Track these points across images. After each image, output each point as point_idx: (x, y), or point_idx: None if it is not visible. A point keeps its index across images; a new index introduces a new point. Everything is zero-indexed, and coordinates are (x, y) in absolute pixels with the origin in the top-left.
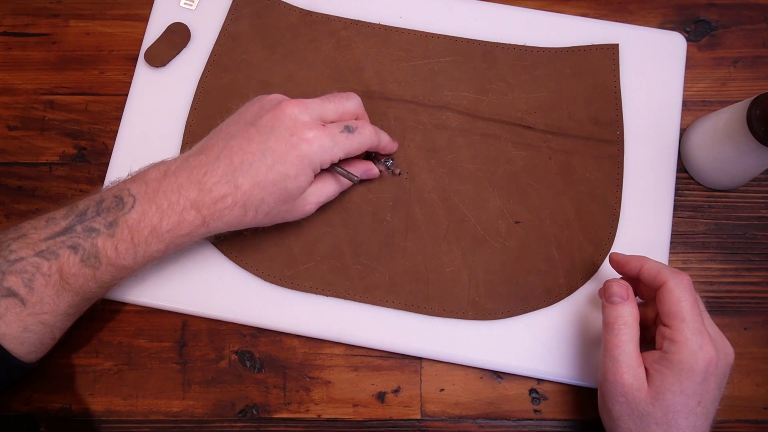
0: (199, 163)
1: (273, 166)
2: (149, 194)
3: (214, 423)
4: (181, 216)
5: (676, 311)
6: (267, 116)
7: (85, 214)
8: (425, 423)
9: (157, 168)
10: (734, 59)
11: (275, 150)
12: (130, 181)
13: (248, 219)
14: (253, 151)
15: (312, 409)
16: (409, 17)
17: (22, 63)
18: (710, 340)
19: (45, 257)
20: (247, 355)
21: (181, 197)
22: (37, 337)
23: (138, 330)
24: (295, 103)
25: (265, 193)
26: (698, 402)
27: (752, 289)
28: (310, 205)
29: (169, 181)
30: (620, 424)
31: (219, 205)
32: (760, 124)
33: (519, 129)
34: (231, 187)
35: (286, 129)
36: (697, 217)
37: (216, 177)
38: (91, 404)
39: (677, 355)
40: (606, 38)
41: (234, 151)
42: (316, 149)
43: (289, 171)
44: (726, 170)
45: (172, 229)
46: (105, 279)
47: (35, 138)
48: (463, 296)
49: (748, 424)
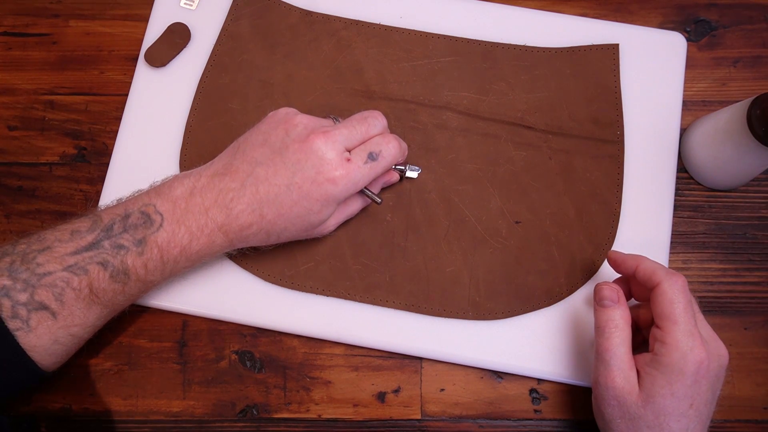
0: (226, 187)
1: (298, 201)
2: (177, 214)
3: (215, 423)
4: (210, 239)
5: (669, 313)
6: (294, 149)
7: (112, 230)
8: (425, 423)
9: (182, 184)
10: (734, 59)
11: (301, 187)
12: (154, 196)
13: (272, 241)
14: (279, 185)
15: (312, 409)
16: (409, 17)
17: (22, 63)
18: (702, 343)
19: (74, 272)
20: (247, 355)
21: (209, 220)
22: (65, 349)
23: (138, 330)
24: (322, 138)
25: (288, 224)
26: (690, 404)
27: (752, 289)
28: (331, 227)
29: (196, 202)
30: (612, 426)
31: (245, 232)
32: (760, 124)
33: (519, 129)
34: (256, 216)
35: (313, 167)
36: (697, 217)
37: (243, 205)
38: (91, 404)
39: (667, 358)
40: (606, 38)
41: (260, 181)
42: (342, 188)
43: (313, 207)
44: (726, 170)
45: (201, 250)
46: (133, 292)
47: (35, 138)
48: (463, 296)
49: (748, 424)
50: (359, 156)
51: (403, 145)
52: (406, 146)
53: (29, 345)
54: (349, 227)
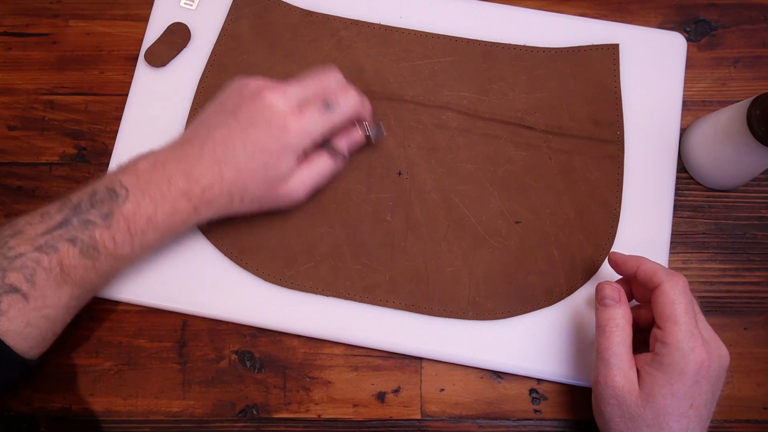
0: (185, 154)
1: (254, 156)
2: (141, 185)
3: (214, 423)
4: (174, 205)
5: (669, 313)
6: (246, 107)
7: (80, 207)
8: (425, 423)
9: (146, 159)
10: (734, 59)
11: (255, 141)
12: (120, 173)
13: (236, 206)
14: (235, 143)
15: (312, 409)
16: (410, 17)
17: (22, 63)
18: (702, 343)
19: (44, 252)
20: (247, 355)
21: (171, 187)
22: (40, 332)
23: (138, 330)
24: (273, 91)
25: (248, 181)
26: (690, 405)
27: (752, 289)
28: (299, 191)
29: (158, 173)
30: (612, 425)
31: (207, 195)
32: (760, 124)
33: (519, 129)
34: (217, 177)
35: (265, 120)
36: (697, 217)
37: (202, 168)
38: (91, 404)
39: (668, 358)
40: (606, 38)
41: (217, 143)
42: (296, 137)
43: (270, 160)
44: (726, 170)
45: (166, 218)
46: (105, 269)
47: (35, 138)
48: (463, 296)
49: (748, 424)
50: (312, 104)
51: (365, 102)
52: (369, 104)
53: (1, 330)
54: (349, 227)
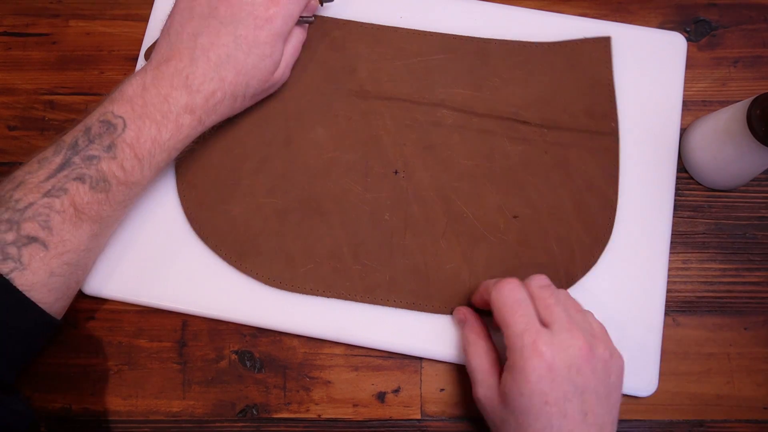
0: (175, 70)
1: (250, 51)
2: (137, 111)
3: (214, 423)
4: (177, 122)
5: (500, 319)
6: (224, 7)
7: (77, 145)
8: (425, 423)
9: (131, 84)
10: (734, 59)
11: (246, 36)
12: (108, 104)
13: (238, 106)
14: (227, 44)
15: (312, 409)
16: (408, 18)
17: (22, 63)
18: (541, 340)
19: (54, 195)
20: (247, 355)
21: (171, 105)
22: (64, 281)
23: (138, 330)
24: None
25: (249, 78)
26: (544, 402)
27: (752, 289)
28: (286, 72)
29: (152, 93)
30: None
31: (210, 102)
32: (760, 124)
33: (514, 124)
34: (217, 81)
35: (248, 15)
36: (697, 217)
37: (200, 77)
38: (91, 404)
39: (510, 360)
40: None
41: (207, 48)
42: (281, 22)
43: (265, 51)
44: (726, 170)
45: (172, 136)
46: (119, 199)
47: (35, 138)
48: (464, 293)
49: (749, 424)
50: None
51: None
52: None
53: (26, 285)
54: (348, 228)
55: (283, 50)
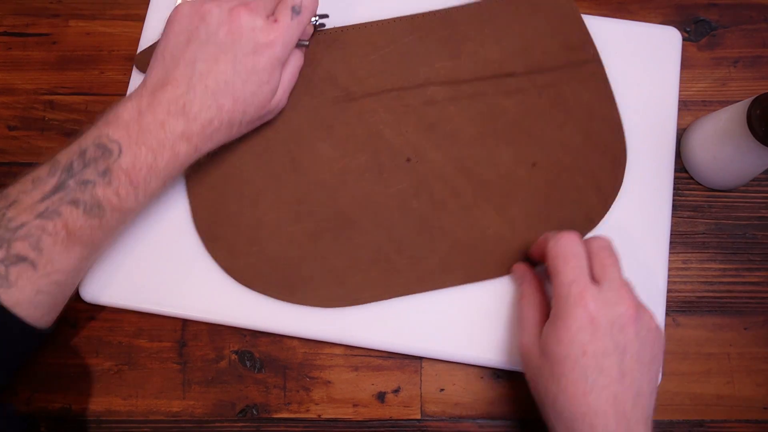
0: (172, 96)
1: (248, 78)
2: (133, 137)
3: (214, 423)
4: (174, 149)
5: (552, 267)
6: (223, 33)
7: (72, 168)
8: (425, 423)
9: (127, 108)
10: (734, 59)
11: (245, 63)
12: (104, 126)
13: (234, 133)
14: (225, 71)
15: (312, 409)
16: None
17: (22, 63)
18: (589, 294)
19: (47, 217)
20: (247, 355)
21: (168, 132)
22: (51, 298)
23: (138, 330)
24: (245, 11)
25: (246, 105)
26: (582, 352)
27: (752, 289)
28: (284, 98)
29: (147, 120)
30: (529, 383)
31: (207, 130)
32: (760, 124)
33: (501, 79)
34: (215, 109)
35: (248, 41)
36: (697, 217)
37: (198, 105)
38: (91, 404)
39: (555, 308)
40: (600, 34)
41: (205, 75)
42: (281, 48)
43: (263, 77)
44: (726, 170)
45: (168, 164)
46: (112, 225)
47: (35, 138)
48: (512, 251)
49: (749, 424)
50: (284, 14)
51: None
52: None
53: (12, 301)
54: (382, 227)
55: (281, 76)
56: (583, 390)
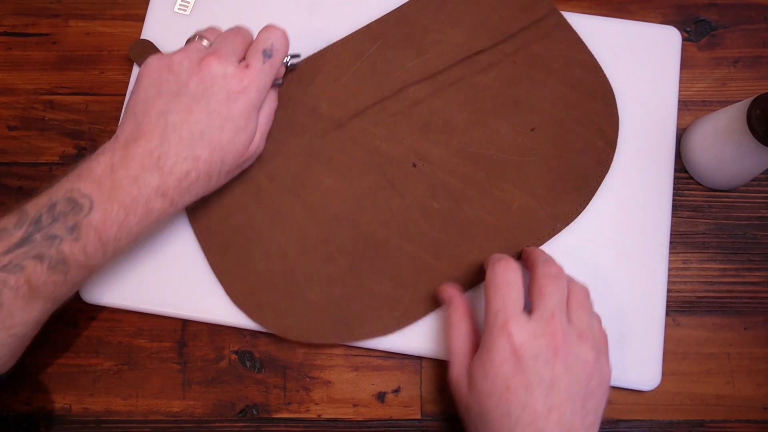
0: (145, 150)
1: (224, 125)
2: (105, 192)
3: (214, 423)
4: (148, 206)
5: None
6: (194, 82)
7: (40, 221)
8: (425, 423)
9: (99, 162)
10: (734, 59)
11: (220, 111)
12: (76, 180)
13: (213, 184)
14: (199, 120)
15: (312, 409)
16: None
17: (22, 63)
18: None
19: (10, 271)
20: (247, 355)
21: (142, 188)
22: (9, 350)
23: (138, 330)
24: (215, 59)
25: (224, 154)
26: (506, 387)
27: (752, 289)
28: (262, 142)
29: (120, 174)
30: (463, 423)
31: (184, 183)
32: (761, 124)
33: (473, 58)
34: (191, 161)
35: (221, 88)
36: (697, 217)
37: (173, 157)
38: (91, 404)
39: (483, 339)
40: (598, 34)
41: (179, 126)
42: (255, 94)
43: (240, 123)
44: (726, 170)
45: (140, 221)
46: (76, 280)
47: (35, 138)
48: (544, 217)
49: (749, 424)
50: (255, 58)
51: (287, 33)
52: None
53: None
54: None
55: (257, 121)
56: (508, 427)
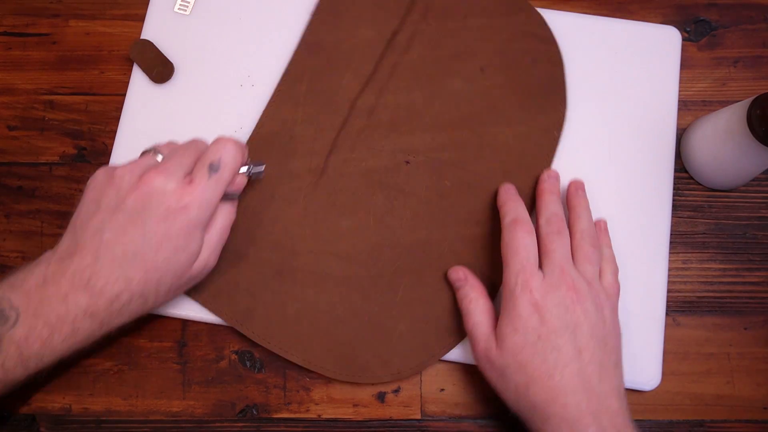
0: (77, 268)
1: (160, 246)
2: (33, 307)
3: (214, 423)
4: (74, 326)
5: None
6: (132, 199)
7: None
8: (425, 423)
9: (33, 273)
10: (734, 59)
11: (156, 231)
12: (8, 288)
13: (150, 305)
14: (134, 240)
15: (312, 409)
16: None
17: (22, 63)
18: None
19: None
20: (247, 355)
21: (70, 307)
22: None
23: (138, 330)
24: (156, 174)
25: (160, 274)
26: (537, 337)
27: (752, 289)
28: (211, 259)
29: (50, 290)
30: (498, 388)
31: (115, 305)
32: (760, 124)
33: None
34: (123, 282)
35: (159, 205)
36: (697, 217)
37: (103, 278)
38: (91, 404)
39: (504, 300)
40: (598, 34)
41: (113, 245)
42: (197, 211)
43: (179, 243)
44: (726, 170)
45: (65, 340)
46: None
47: (35, 138)
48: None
49: (749, 424)
50: (200, 173)
51: (241, 145)
52: (244, 144)
53: None
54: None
55: (202, 239)
56: (547, 372)
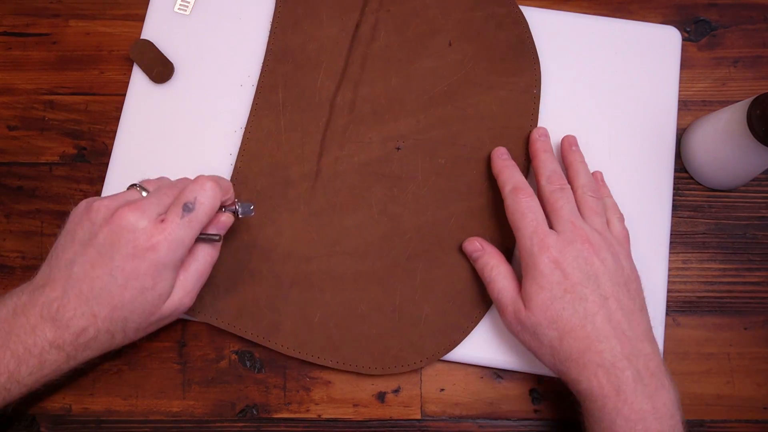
0: (47, 299)
1: (127, 284)
2: (1, 338)
3: (214, 423)
4: (42, 358)
5: (511, 223)
6: (103, 234)
7: None
8: (425, 423)
9: (5, 304)
10: (734, 59)
11: (123, 268)
12: None
13: (118, 341)
14: (101, 276)
15: (312, 409)
16: None
17: (22, 63)
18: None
19: None
20: (247, 355)
21: (37, 339)
22: None
23: None
24: (129, 211)
25: (127, 312)
26: (564, 290)
27: (752, 289)
28: (186, 300)
29: (20, 322)
30: (534, 352)
31: (81, 339)
32: (760, 124)
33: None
34: (89, 317)
35: (128, 243)
36: (697, 217)
37: (70, 312)
38: (91, 404)
39: (524, 263)
40: (598, 34)
41: (81, 280)
42: (166, 251)
43: (146, 283)
44: (726, 170)
45: (32, 372)
46: None
47: (35, 138)
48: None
49: (749, 424)
50: (173, 212)
51: (224, 183)
52: (229, 183)
53: None
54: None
55: (174, 279)
56: (579, 323)
